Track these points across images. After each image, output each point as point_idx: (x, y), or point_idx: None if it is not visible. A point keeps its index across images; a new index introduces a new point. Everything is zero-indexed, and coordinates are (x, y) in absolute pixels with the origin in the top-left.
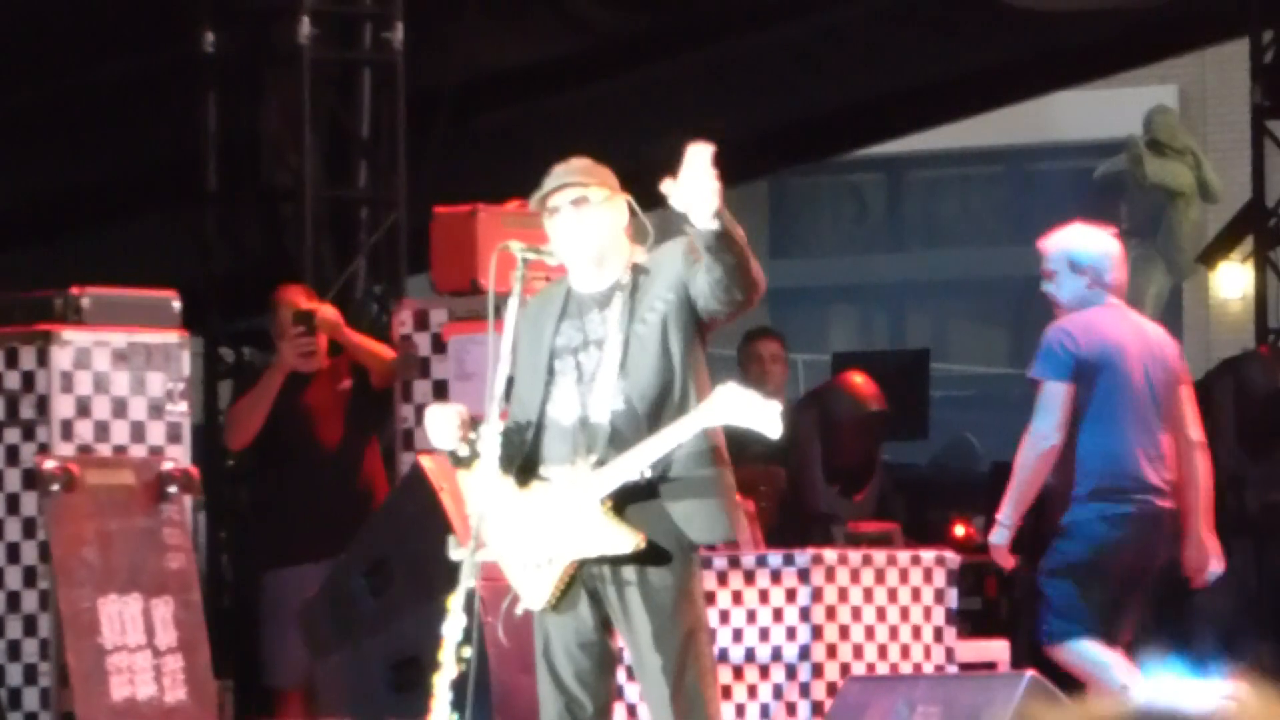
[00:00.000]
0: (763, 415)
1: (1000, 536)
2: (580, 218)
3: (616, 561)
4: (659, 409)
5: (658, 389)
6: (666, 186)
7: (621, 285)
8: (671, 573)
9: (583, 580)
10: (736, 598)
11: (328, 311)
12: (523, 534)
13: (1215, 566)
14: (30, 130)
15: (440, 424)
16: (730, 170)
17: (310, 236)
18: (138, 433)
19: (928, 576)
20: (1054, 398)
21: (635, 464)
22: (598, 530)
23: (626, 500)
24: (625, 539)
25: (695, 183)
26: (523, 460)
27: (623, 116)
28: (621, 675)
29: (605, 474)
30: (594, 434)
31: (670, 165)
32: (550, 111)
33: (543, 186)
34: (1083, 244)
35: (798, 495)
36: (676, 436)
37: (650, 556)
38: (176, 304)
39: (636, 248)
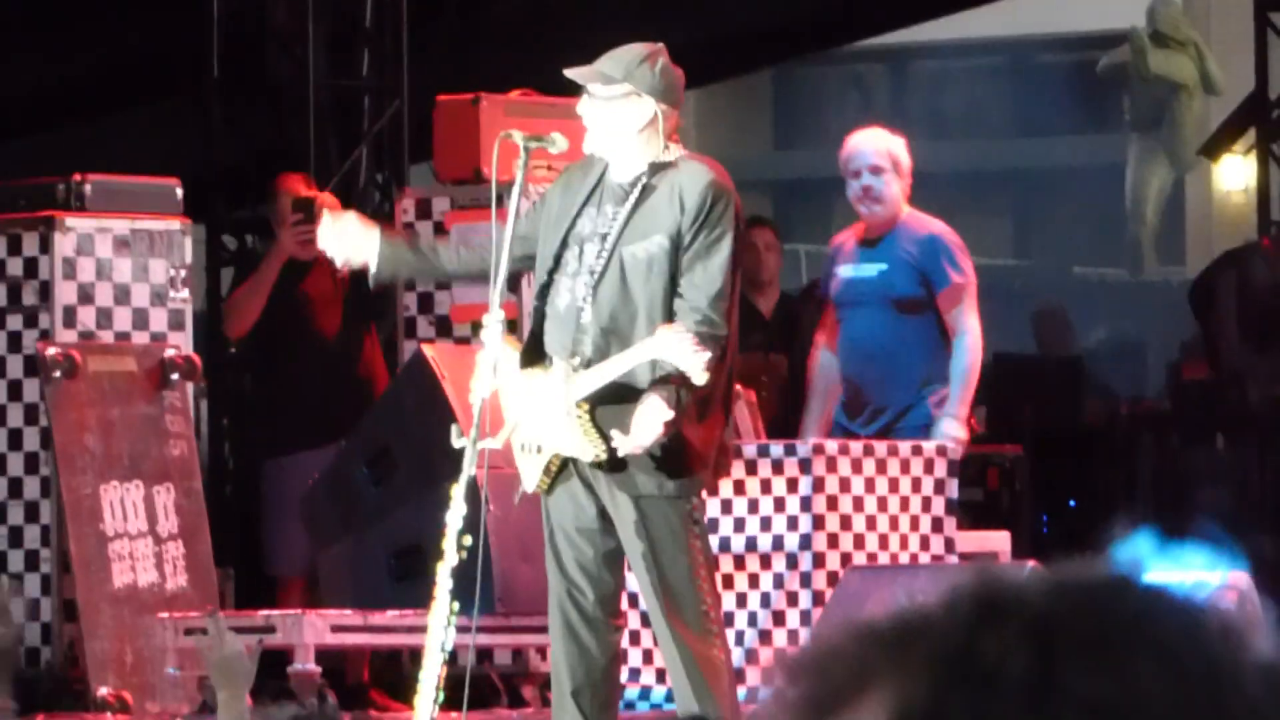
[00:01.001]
0: (692, 361)
1: (956, 429)
2: (590, 109)
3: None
4: (626, 333)
5: (625, 319)
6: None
7: (635, 186)
8: (652, 476)
9: (578, 469)
10: (739, 487)
11: (327, 199)
12: (524, 417)
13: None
14: (34, 18)
15: (344, 234)
16: (735, 60)
17: (313, 125)
18: (140, 319)
19: (929, 467)
20: (975, 297)
21: (601, 377)
22: (570, 433)
23: (607, 403)
24: (588, 449)
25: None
26: (530, 341)
27: (632, 4)
28: (635, 620)
29: (580, 380)
30: (582, 333)
31: (686, 52)
32: (556, 1)
33: (574, 75)
34: (902, 148)
35: (801, 386)
36: (626, 363)
37: (628, 461)
38: (179, 191)
39: (673, 145)
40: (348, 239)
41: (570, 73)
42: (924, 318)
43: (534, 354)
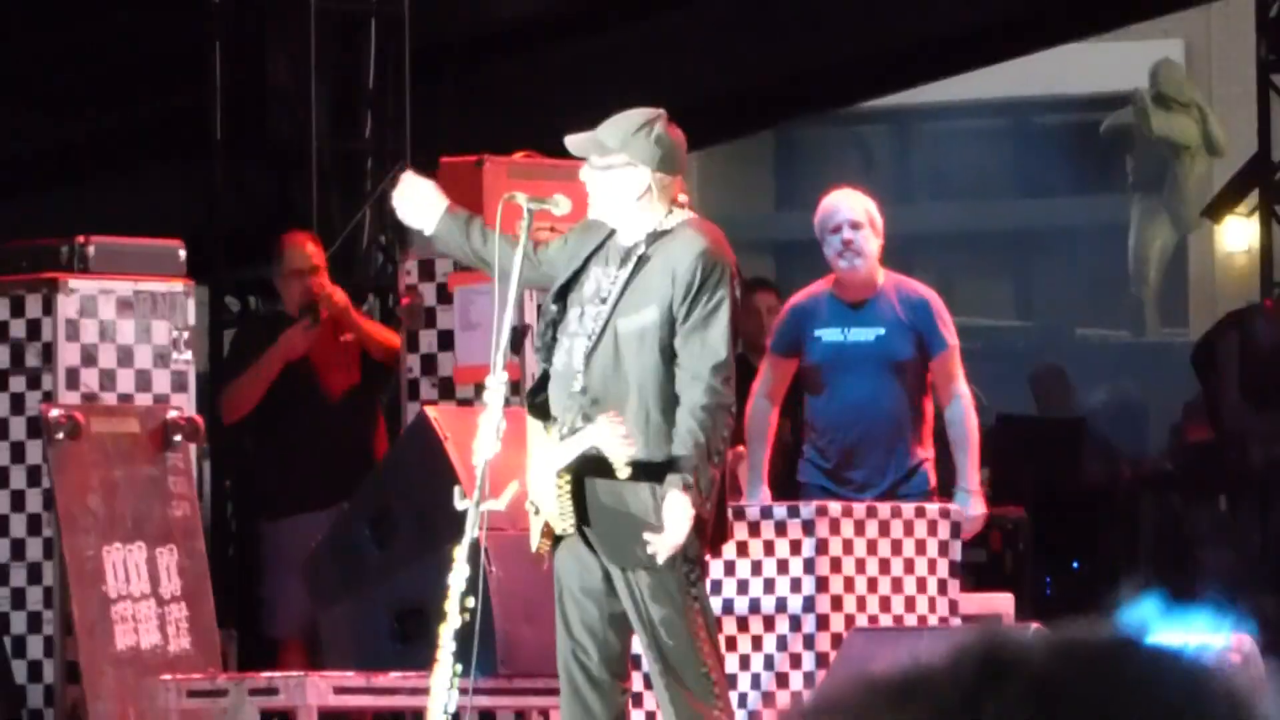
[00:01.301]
0: (619, 453)
1: (979, 506)
2: (589, 178)
3: (600, 533)
4: (617, 405)
5: (616, 391)
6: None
7: (633, 255)
8: (645, 548)
9: (581, 532)
10: (741, 549)
11: (336, 295)
12: (531, 476)
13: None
14: (38, 79)
15: (417, 196)
16: (737, 122)
17: (316, 187)
18: (143, 381)
19: (932, 529)
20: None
21: (568, 453)
22: (553, 500)
23: (599, 474)
24: (557, 520)
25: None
26: (539, 397)
27: (634, 66)
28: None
29: (560, 450)
30: (573, 400)
31: (688, 114)
32: (559, 63)
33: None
34: (876, 209)
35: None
36: (576, 448)
37: (622, 533)
38: (182, 252)
39: (678, 210)
40: (416, 203)
41: (569, 142)
42: (916, 383)
43: (542, 411)
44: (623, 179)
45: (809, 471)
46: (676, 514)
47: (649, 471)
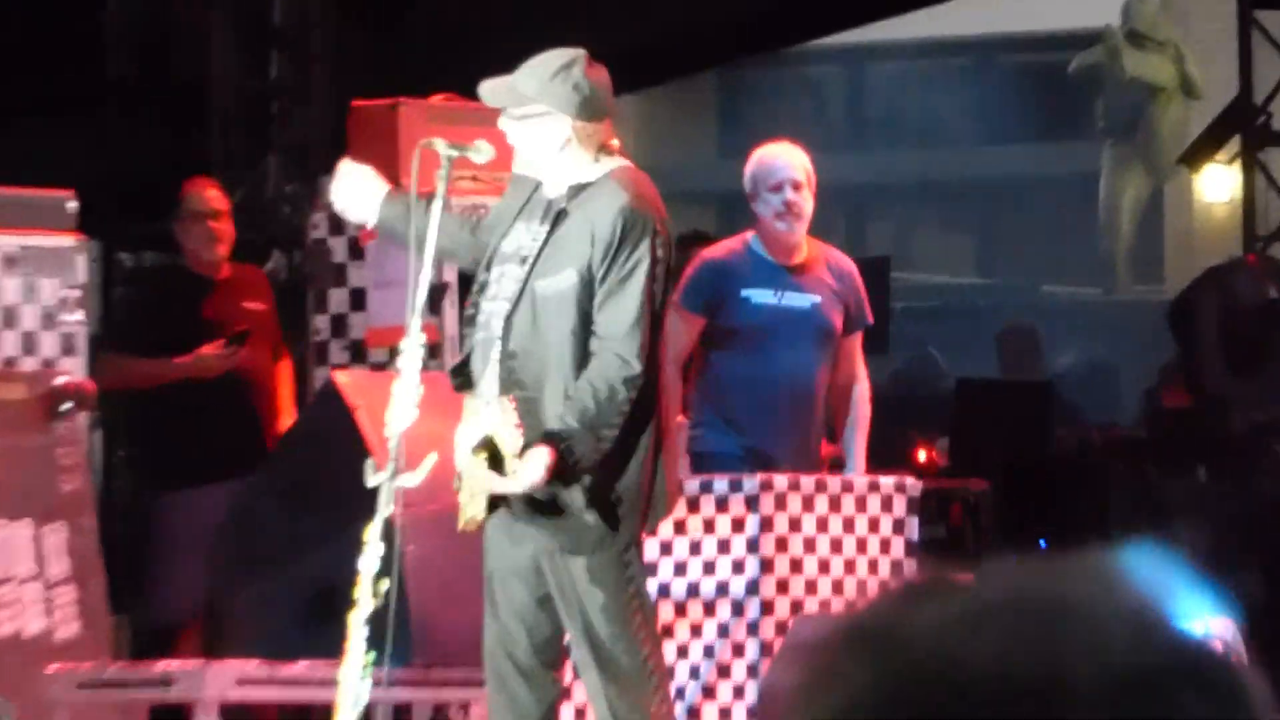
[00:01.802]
0: (509, 440)
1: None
2: (508, 129)
3: (525, 517)
4: (537, 372)
5: (535, 358)
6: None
7: (552, 210)
8: (574, 527)
9: (511, 507)
10: (679, 527)
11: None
12: (457, 445)
13: None
14: None
15: (355, 186)
16: (676, 63)
17: (218, 131)
18: (29, 344)
19: (886, 504)
20: None
21: (491, 422)
22: (467, 484)
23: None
24: (464, 513)
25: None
26: (463, 365)
27: (565, 5)
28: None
29: (482, 419)
30: (493, 369)
31: (622, 54)
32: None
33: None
34: (811, 165)
35: None
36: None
37: (550, 510)
38: (72, 205)
39: (605, 158)
40: (355, 193)
41: (483, 91)
42: (833, 358)
43: (466, 378)
44: (542, 129)
45: (719, 440)
46: (532, 465)
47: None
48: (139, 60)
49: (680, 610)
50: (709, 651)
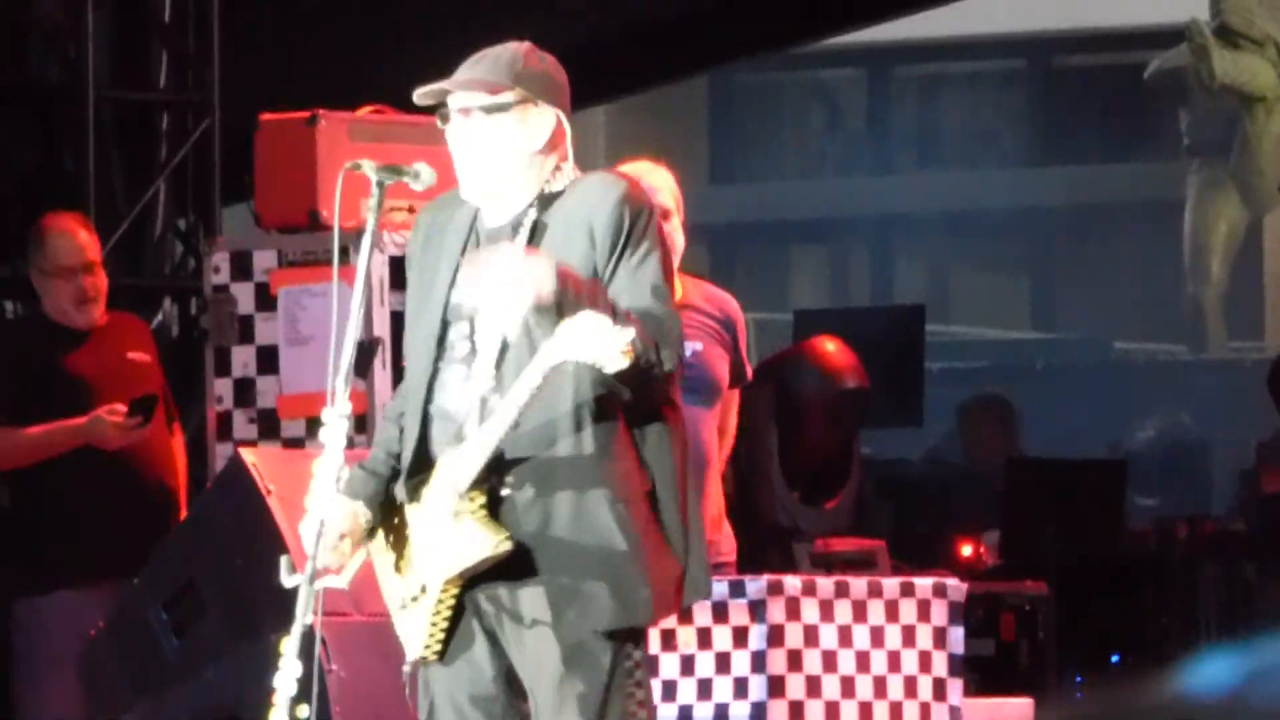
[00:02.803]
0: (608, 345)
1: None
2: (470, 133)
3: (514, 584)
4: (542, 430)
5: (548, 397)
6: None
7: (519, 228)
8: (586, 609)
9: (476, 614)
10: (667, 639)
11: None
12: (397, 562)
13: None
14: None
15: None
16: (656, 65)
17: (92, 150)
18: None
19: (923, 612)
20: None
21: (488, 438)
22: (460, 539)
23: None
24: (484, 540)
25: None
26: (411, 462)
27: None
28: None
29: (461, 461)
30: (470, 421)
31: (590, 52)
32: None
33: (434, 86)
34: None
35: (747, 501)
36: (524, 388)
37: (557, 593)
38: None
39: (563, 169)
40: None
41: (428, 90)
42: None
43: (419, 470)
44: (523, 123)
45: None
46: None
47: (587, 475)
48: None
49: None
50: None
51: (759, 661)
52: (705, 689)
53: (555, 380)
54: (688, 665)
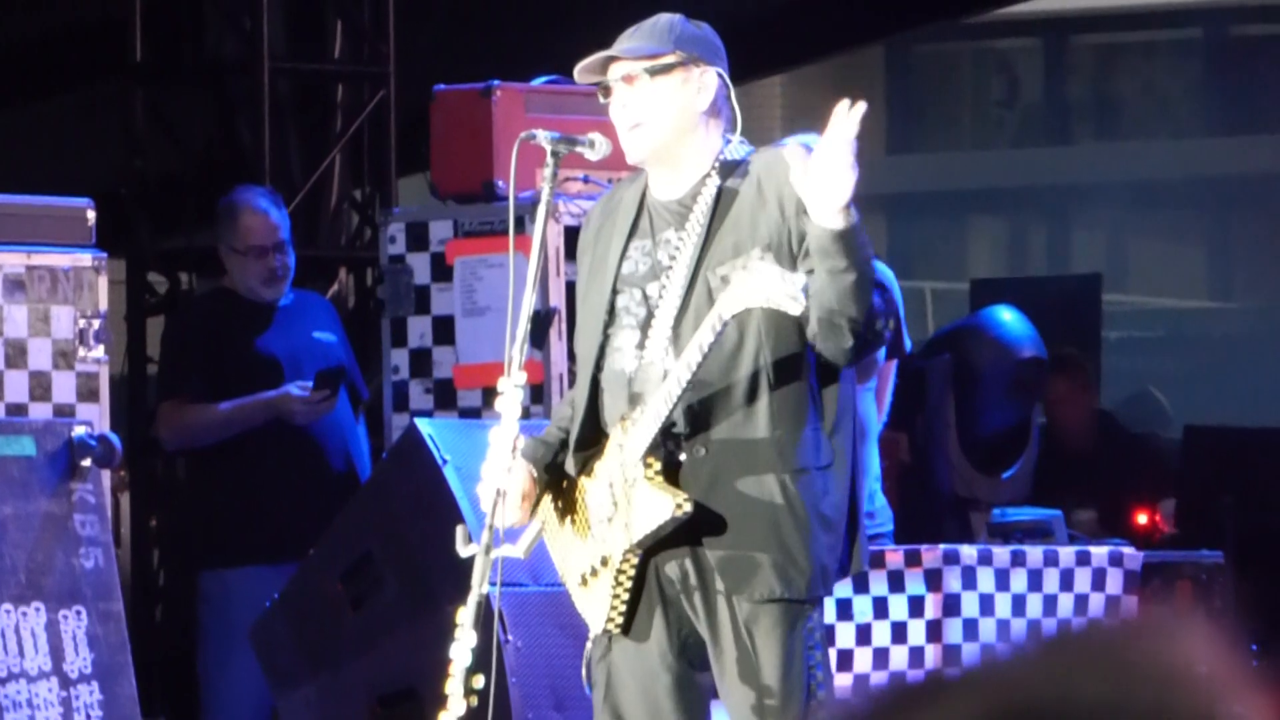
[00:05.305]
0: (786, 288)
1: None
2: (634, 99)
3: (693, 551)
4: (733, 383)
5: (723, 364)
6: (793, 156)
7: (699, 197)
8: (771, 569)
9: (657, 583)
10: (843, 609)
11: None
12: (574, 535)
13: None
14: None
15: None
16: (832, 36)
17: (268, 124)
18: (40, 387)
19: (1099, 580)
20: None
21: (663, 401)
22: (639, 502)
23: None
24: (664, 504)
25: (835, 160)
26: (581, 433)
27: None
28: None
29: (635, 429)
30: (647, 386)
31: (765, 23)
32: None
33: (594, 56)
34: None
35: (925, 471)
36: (700, 344)
37: (743, 538)
38: (91, 214)
39: (733, 139)
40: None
41: (588, 63)
42: None
43: (589, 443)
44: (687, 85)
45: None
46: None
47: (764, 458)
48: (171, 36)
49: None
50: None
51: (934, 631)
52: (882, 658)
53: (734, 345)
54: (863, 635)
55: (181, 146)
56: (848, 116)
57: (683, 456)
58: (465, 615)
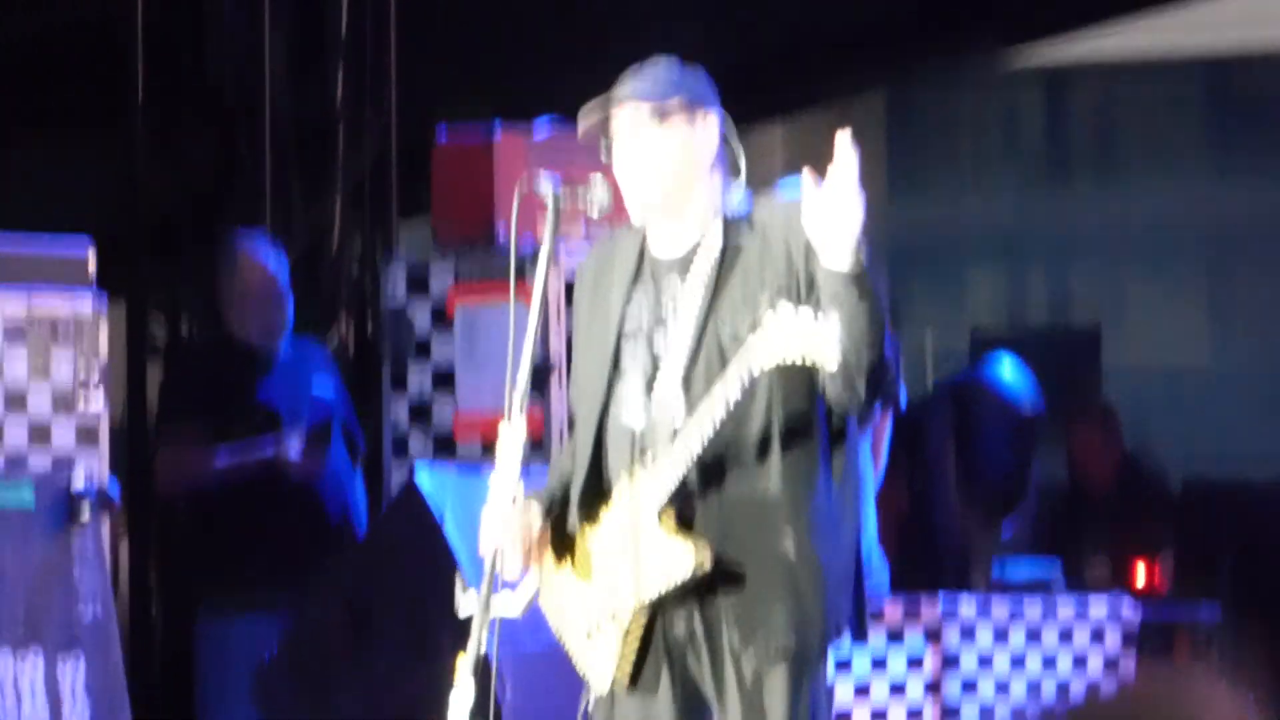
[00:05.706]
0: (822, 339)
1: None
2: (639, 147)
3: (703, 607)
4: (745, 437)
5: (738, 420)
6: (807, 192)
7: (701, 250)
8: (786, 625)
9: (664, 638)
10: (841, 666)
11: None
12: (577, 589)
13: None
14: None
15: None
16: (831, 79)
17: (269, 168)
18: (39, 434)
19: (1097, 635)
20: None
21: (682, 454)
22: (653, 554)
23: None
24: (683, 557)
25: (841, 194)
26: (584, 486)
27: (694, 7)
28: None
29: (650, 479)
30: (656, 438)
31: (761, 67)
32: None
33: (595, 102)
34: None
35: (925, 520)
36: (723, 398)
37: (755, 592)
38: (92, 255)
39: (732, 186)
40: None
41: (590, 112)
42: None
43: (591, 498)
44: (692, 130)
45: None
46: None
47: (776, 513)
48: (170, 77)
49: None
50: None
51: (933, 690)
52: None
53: (746, 398)
54: (861, 690)
55: (182, 188)
56: (849, 148)
57: (694, 510)
58: (464, 665)
